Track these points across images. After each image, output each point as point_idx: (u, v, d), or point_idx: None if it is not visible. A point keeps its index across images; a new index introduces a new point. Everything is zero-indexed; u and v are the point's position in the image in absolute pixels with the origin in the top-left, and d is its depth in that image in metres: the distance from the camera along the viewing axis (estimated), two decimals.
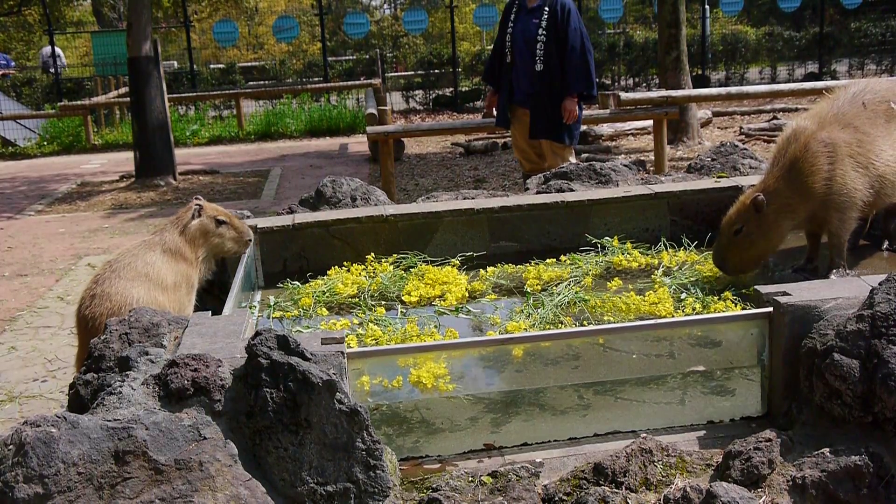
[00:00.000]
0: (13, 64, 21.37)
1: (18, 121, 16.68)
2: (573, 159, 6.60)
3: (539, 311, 3.07)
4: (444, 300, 3.31)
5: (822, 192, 3.21)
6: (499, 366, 2.53)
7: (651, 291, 3.18)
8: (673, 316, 2.99)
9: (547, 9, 6.39)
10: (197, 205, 3.51)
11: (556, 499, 2.12)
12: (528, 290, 3.36)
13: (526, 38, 6.47)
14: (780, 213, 3.22)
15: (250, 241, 3.60)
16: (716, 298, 3.09)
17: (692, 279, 3.37)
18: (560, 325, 2.97)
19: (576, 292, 3.23)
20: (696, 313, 2.99)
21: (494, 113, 7.02)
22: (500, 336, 2.57)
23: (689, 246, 3.72)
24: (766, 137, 11.89)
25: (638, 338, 2.54)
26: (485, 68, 7.10)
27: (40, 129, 16.75)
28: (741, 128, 13.01)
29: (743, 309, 2.92)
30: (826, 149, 3.21)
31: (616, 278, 3.39)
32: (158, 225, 3.47)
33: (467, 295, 3.37)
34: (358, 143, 14.61)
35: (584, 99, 6.58)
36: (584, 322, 3.00)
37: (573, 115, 6.42)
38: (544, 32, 6.38)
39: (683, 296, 3.18)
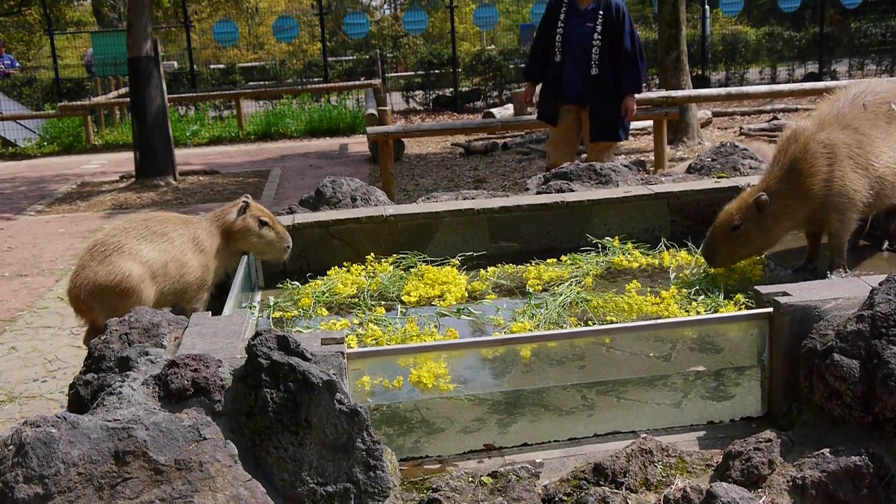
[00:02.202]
0: (17, 64, 21.37)
1: (18, 121, 16.68)
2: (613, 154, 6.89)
3: (542, 311, 3.07)
4: (443, 300, 3.31)
5: (822, 194, 3.20)
6: (499, 366, 2.53)
7: (664, 290, 3.17)
8: (676, 316, 2.99)
9: (602, 12, 6.42)
10: (244, 202, 3.47)
11: (556, 499, 2.12)
12: (530, 290, 3.36)
13: (580, 41, 6.51)
14: (779, 213, 3.22)
15: (289, 247, 3.56)
16: (726, 301, 3.08)
17: (709, 280, 3.35)
18: (564, 325, 2.97)
19: (578, 292, 3.22)
20: (697, 313, 2.99)
21: (529, 106, 7.20)
22: (501, 336, 2.57)
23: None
24: (766, 137, 11.88)
25: (638, 338, 2.54)
26: (527, 64, 7.17)
27: (40, 130, 16.75)
28: (741, 128, 13.01)
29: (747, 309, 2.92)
30: (825, 150, 3.20)
31: (635, 280, 3.34)
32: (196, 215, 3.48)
33: (467, 295, 3.37)
34: (358, 144, 14.61)
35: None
36: (590, 322, 3.00)
37: (633, 112, 6.62)
38: (599, 37, 6.43)
39: (702, 297, 3.15)
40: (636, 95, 6.77)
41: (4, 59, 20.73)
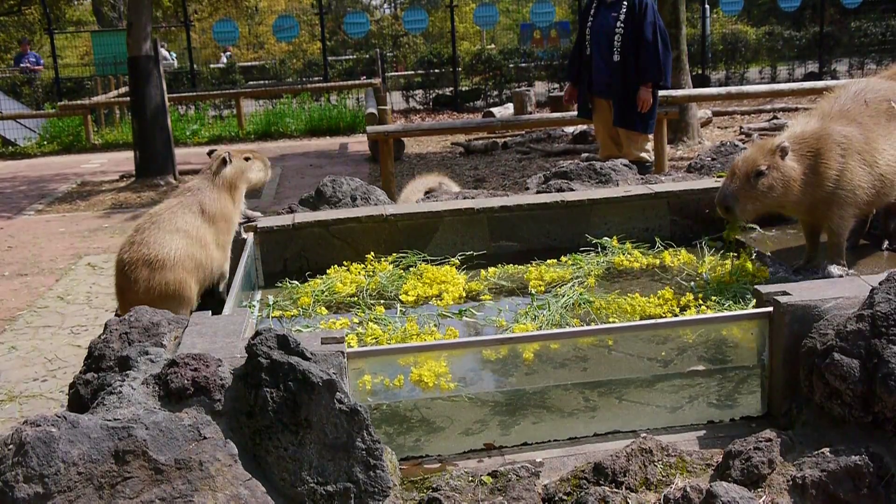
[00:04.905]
0: (42, 62, 21.33)
1: (18, 120, 16.68)
2: (650, 147, 7.12)
3: (545, 312, 3.06)
4: (441, 300, 3.30)
5: (832, 183, 3.17)
6: (500, 367, 2.53)
7: (663, 292, 3.16)
8: (676, 316, 2.99)
9: (625, 3, 6.73)
10: (227, 154, 3.68)
11: (556, 498, 2.12)
12: (532, 291, 3.35)
13: (605, 31, 6.83)
14: (793, 177, 3.15)
15: (269, 167, 3.91)
16: (732, 303, 3.05)
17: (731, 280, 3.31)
18: (567, 326, 2.96)
19: (580, 293, 3.22)
20: (698, 313, 2.99)
21: (575, 105, 7.45)
22: (500, 336, 2.57)
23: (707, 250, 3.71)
24: (766, 137, 11.89)
25: (638, 338, 2.54)
26: (567, 64, 7.69)
27: (40, 129, 16.74)
28: (741, 128, 13.01)
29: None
30: (843, 139, 3.17)
31: (667, 287, 3.25)
32: (189, 184, 3.68)
33: (465, 295, 3.36)
34: (358, 143, 14.61)
35: (658, 88, 6.91)
36: (593, 323, 2.99)
37: (647, 104, 6.78)
38: (622, 25, 6.73)
39: (730, 302, 3.09)
40: (663, 91, 6.94)
41: (30, 56, 20.78)
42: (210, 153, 3.76)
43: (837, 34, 20.61)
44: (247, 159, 3.75)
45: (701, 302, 3.08)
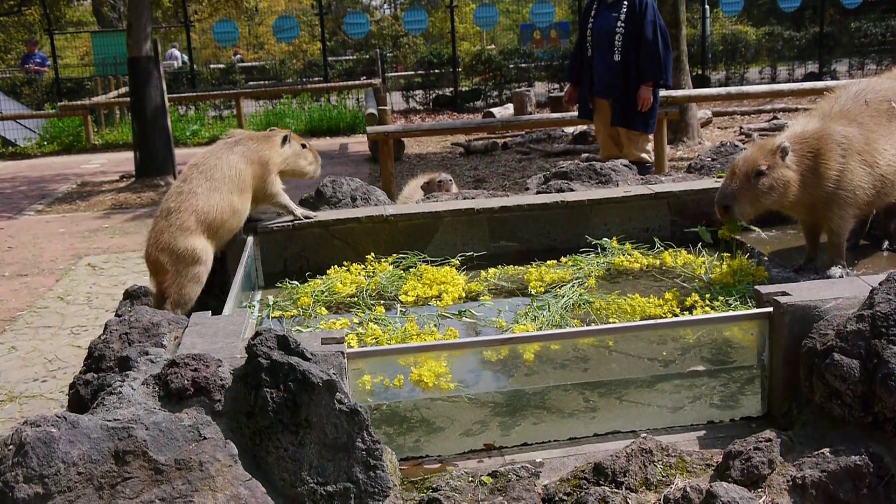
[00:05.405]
0: (48, 62, 21.32)
1: (18, 121, 16.68)
2: (650, 147, 7.13)
3: (544, 313, 3.06)
4: (440, 300, 3.30)
5: (833, 183, 3.16)
6: (499, 366, 2.53)
7: (668, 293, 3.16)
8: (676, 316, 2.98)
9: (626, 3, 6.76)
10: (289, 132, 3.84)
11: (556, 499, 2.12)
12: (532, 291, 3.35)
13: (605, 30, 6.86)
14: (791, 178, 3.15)
15: (320, 165, 4.00)
16: (738, 304, 3.05)
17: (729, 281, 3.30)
18: (567, 327, 2.96)
19: (580, 294, 3.21)
20: (703, 313, 2.98)
21: (575, 106, 7.48)
22: (501, 336, 2.57)
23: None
24: (766, 137, 11.88)
25: (638, 338, 2.54)
26: (567, 65, 7.60)
27: (40, 129, 16.74)
28: (741, 128, 13.01)
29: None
30: (843, 140, 3.17)
31: (674, 289, 3.24)
32: (240, 135, 3.79)
33: (464, 295, 3.36)
34: (358, 143, 14.61)
35: (659, 87, 6.92)
36: (593, 324, 2.99)
37: (647, 103, 6.79)
38: (623, 25, 6.76)
39: (734, 302, 3.08)
40: (664, 92, 6.91)
41: (36, 56, 20.78)
42: (268, 130, 3.87)
43: (837, 34, 20.61)
44: (303, 146, 3.87)
45: (707, 302, 3.08)
